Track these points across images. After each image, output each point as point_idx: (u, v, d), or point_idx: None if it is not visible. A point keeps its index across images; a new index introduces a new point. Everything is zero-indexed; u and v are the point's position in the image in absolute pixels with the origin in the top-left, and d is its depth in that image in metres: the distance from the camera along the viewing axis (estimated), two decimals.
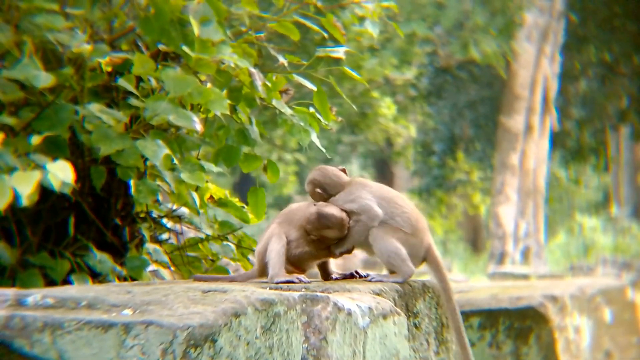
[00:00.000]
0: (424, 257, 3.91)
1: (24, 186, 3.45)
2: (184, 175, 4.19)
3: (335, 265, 4.09)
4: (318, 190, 3.89)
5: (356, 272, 3.97)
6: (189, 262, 4.76)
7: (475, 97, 24.03)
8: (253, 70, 4.41)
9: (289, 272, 3.76)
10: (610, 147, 27.96)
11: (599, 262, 20.15)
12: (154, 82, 4.25)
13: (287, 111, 4.52)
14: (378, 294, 3.67)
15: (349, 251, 3.86)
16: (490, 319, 6.86)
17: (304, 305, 3.22)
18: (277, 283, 3.65)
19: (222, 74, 4.41)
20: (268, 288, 3.43)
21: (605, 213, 31.53)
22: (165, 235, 4.85)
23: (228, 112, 4.28)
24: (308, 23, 4.73)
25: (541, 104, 21.20)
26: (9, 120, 3.93)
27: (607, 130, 25.37)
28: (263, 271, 3.81)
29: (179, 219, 4.79)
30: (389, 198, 3.87)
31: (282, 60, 4.61)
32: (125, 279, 4.30)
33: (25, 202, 3.44)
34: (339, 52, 4.60)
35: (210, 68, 4.23)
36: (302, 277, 3.72)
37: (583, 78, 23.93)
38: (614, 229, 27.49)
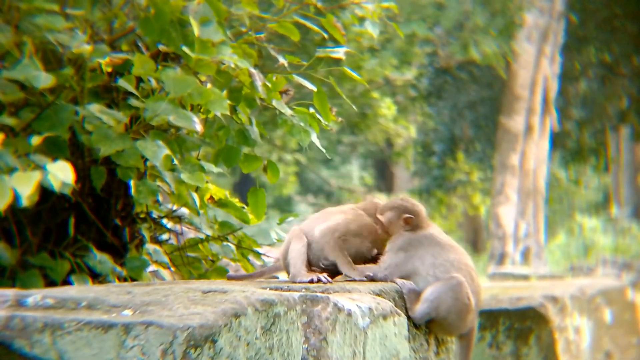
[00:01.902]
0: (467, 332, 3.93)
1: (24, 187, 3.45)
2: (184, 176, 4.19)
3: None
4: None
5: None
6: (189, 262, 4.76)
7: (475, 98, 24.00)
8: (253, 70, 4.41)
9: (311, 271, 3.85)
10: (611, 148, 27.93)
11: (599, 263, 20.11)
12: (154, 83, 4.25)
13: (287, 112, 4.52)
14: (378, 295, 3.67)
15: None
16: (490, 320, 6.86)
17: (304, 305, 3.22)
18: (300, 283, 3.70)
19: (222, 74, 4.41)
20: (268, 289, 3.43)
21: (605, 214, 31.48)
22: (165, 236, 4.85)
23: (228, 113, 4.28)
24: (308, 24, 4.73)
25: (541, 105, 21.17)
26: (9, 120, 3.93)
27: (607, 131, 25.34)
28: (287, 268, 3.93)
29: (179, 219, 4.79)
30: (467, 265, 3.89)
31: (282, 60, 4.61)
32: (125, 280, 4.30)
33: (25, 202, 3.44)
34: (339, 53, 4.60)
35: (211, 68, 4.23)
36: (322, 276, 3.73)
37: (583, 78, 23.91)
38: (614, 229, 27.44)
